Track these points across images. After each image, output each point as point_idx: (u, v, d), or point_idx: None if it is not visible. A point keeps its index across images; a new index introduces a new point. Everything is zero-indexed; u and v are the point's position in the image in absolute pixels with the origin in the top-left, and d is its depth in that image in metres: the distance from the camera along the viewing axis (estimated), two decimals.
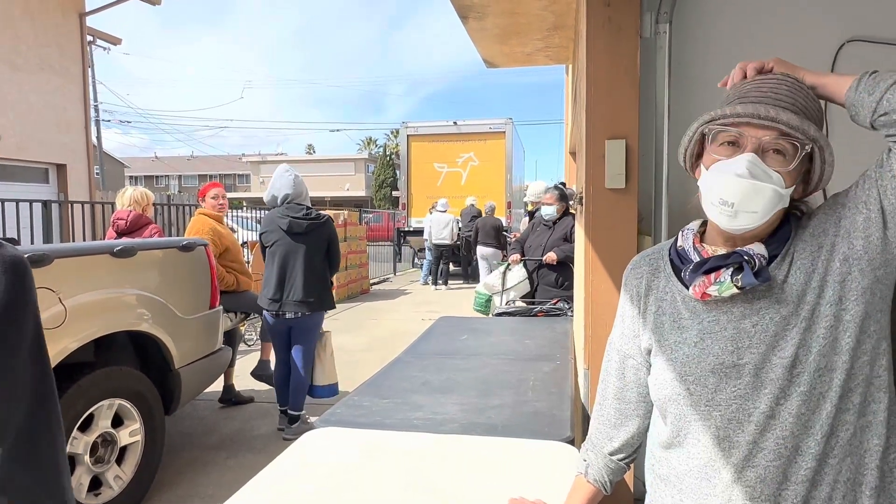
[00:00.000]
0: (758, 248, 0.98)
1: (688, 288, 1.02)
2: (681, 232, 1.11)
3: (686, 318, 1.03)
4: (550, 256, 4.55)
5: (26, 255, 2.33)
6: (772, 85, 0.98)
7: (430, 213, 12.03)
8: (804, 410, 0.92)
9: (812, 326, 0.93)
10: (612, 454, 1.17)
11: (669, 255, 1.11)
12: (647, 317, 1.10)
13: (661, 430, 1.09)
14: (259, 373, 4.50)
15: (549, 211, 4.74)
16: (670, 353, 1.04)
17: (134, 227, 4.08)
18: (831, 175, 1.00)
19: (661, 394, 1.05)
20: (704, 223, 1.09)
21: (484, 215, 10.47)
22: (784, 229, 1.00)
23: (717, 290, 0.97)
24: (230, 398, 4.54)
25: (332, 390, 4.11)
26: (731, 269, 0.97)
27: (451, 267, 12.61)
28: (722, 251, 1.01)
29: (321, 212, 4.02)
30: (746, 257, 0.97)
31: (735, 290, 0.96)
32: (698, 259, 1.03)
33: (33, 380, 0.83)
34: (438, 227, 11.33)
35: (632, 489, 2.22)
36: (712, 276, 0.98)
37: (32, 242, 5.89)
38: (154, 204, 4.32)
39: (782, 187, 0.94)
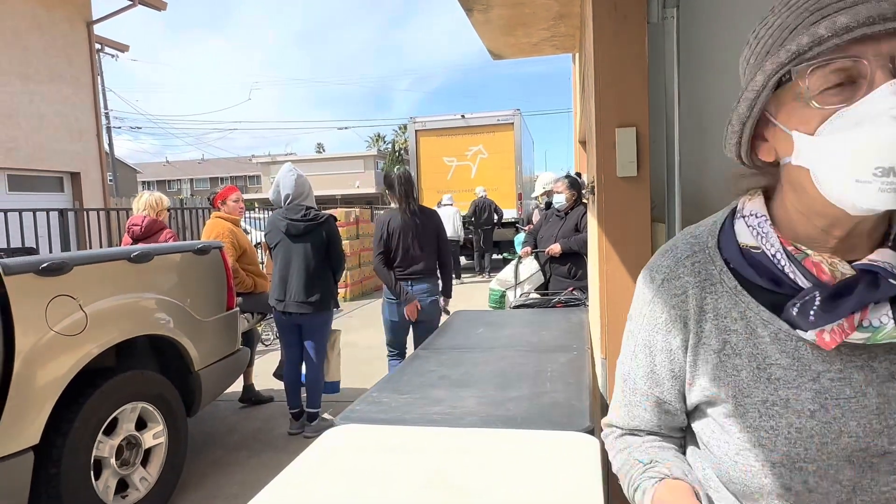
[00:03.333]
0: (889, 257, 0.64)
1: (803, 329, 0.67)
2: (739, 217, 0.74)
3: (781, 363, 0.69)
4: (553, 249, 4.51)
5: (45, 265, 2.38)
6: None
7: (438, 207, 12.04)
8: None
9: None
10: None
11: (723, 256, 0.75)
12: (706, 355, 0.75)
13: None
14: (281, 373, 4.55)
15: (559, 199, 4.72)
16: (760, 419, 0.69)
17: (149, 232, 4.13)
18: None
19: (751, 482, 0.70)
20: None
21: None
22: None
23: (866, 338, 0.64)
24: (250, 398, 4.60)
25: (334, 387, 4.21)
26: (889, 305, 0.64)
27: (464, 260, 12.60)
28: (841, 264, 0.66)
29: (323, 211, 4.03)
30: (893, 279, 0.63)
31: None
32: (811, 280, 0.66)
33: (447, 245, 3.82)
34: (444, 221, 11.37)
35: None
36: (856, 315, 0.64)
37: (51, 251, 5.97)
38: (167, 209, 4.36)
39: None
